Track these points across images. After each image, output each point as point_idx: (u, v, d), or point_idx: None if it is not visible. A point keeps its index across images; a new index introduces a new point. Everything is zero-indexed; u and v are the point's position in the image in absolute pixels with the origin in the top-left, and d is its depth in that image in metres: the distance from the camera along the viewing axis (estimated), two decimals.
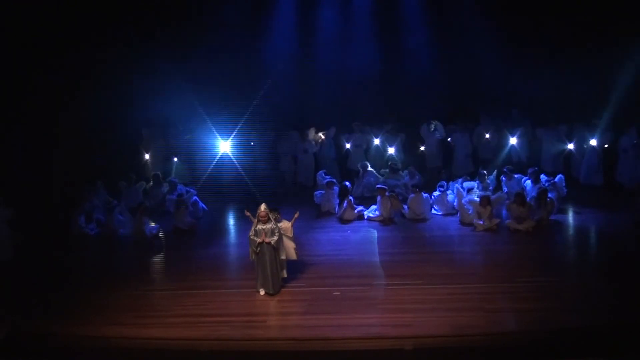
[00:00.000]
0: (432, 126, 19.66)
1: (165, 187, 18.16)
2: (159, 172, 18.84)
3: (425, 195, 16.77)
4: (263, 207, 12.05)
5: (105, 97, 19.24)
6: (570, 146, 18.84)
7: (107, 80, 19.19)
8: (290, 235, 12.68)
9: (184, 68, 19.77)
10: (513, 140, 19.36)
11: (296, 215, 12.82)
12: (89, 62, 18.95)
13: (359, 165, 19.03)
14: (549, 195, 15.84)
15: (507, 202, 16.06)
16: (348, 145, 20.09)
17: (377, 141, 19.89)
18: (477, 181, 17.29)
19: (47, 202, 17.07)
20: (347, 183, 17.39)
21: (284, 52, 20.84)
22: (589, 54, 18.57)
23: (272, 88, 20.20)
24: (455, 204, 16.53)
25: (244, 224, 13.74)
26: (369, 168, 18.81)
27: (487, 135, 19.87)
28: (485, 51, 19.79)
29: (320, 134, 20.11)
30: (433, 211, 16.88)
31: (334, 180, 17.75)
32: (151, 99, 19.53)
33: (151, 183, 18.50)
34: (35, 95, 18.42)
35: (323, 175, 18.29)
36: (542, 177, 16.97)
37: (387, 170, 18.74)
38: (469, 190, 16.71)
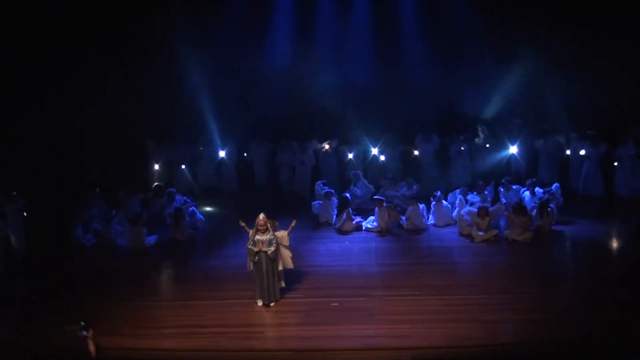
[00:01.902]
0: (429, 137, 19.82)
1: (165, 198, 18.12)
2: (160, 184, 18.85)
3: (422, 206, 16.81)
4: (262, 216, 12.05)
5: (106, 105, 19.36)
6: (567, 152, 18.87)
7: (109, 89, 19.32)
8: (287, 244, 12.64)
9: (183, 78, 19.93)
10: (513, 149, 19.37)
11: (293, 224, 12.73)
12: (91, 69, 19.12)
13: (350, 174, 19.08)
14: (550, 205, 15.90)
15: (506, 213, 16.08)
16: (351, 156, 20.08)
17: (374, 151, 19.92)
18: (474, 193, 17.28)
19: (45, 211, 17.06)
20: (347, 194, 17.39)
21: (283, 63, 20.90)
22: (586, 64, 18.65)
23: (271, 98, 20.31)
24: (454, 214, 16.52)
25: (241, 234, 13.72)
26: (361, 178, 18.84)
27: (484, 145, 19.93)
28: (483, 62, 19.90)
29: (325, 144, 20.14)
30: (429, 222, 16.91)
31: (332, 191, 17.75)
32: (153, 108, 19.68)
33: (151, 194, 18.45)
34: (35, 104, 18.56)
35: (321, 185, 18.30)
36: (537, 190, 16.95)
37: (387, 181, 18.73)
38: (472, 204, 16.67)
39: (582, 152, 18.60)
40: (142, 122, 19.89)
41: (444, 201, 16.90)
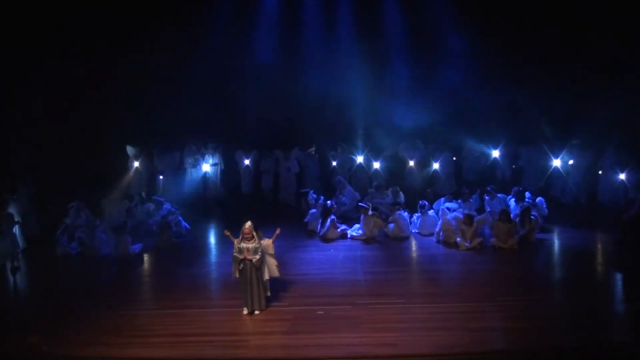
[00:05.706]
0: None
1: (150, 206, 18.04)
2: (142, 192, 18.78)
3: (407, 214, 16.84)
4: (248, 224, 11.99)
5: (90, 114, 19.33)
6: (556, 162, 19.00)
7: (91, 97, 19.28)
8: (272, 252, 12.60)
9: (168, 87, 19.92)
10: (495, 153, 19.51)
11: (277, 232, 12.70)
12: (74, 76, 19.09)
13: (335, 180, 19.09)
14: (532, 213, 15.98)
15: (491, 220, 16.12)
16: (334, 163, 20.12)
17: (359, 159, 19.97)
18: (459, 201, 17.35)
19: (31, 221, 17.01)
20: (330, 202, 17.38)
21: (268, 70, 20.90)
22: (572, 73, 18.81)
23: (256, 106, 20.31)
24: (437, 228, 16.44)
25: (226, 242, 13.74)
26: (348, 186, 18.83)
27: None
28: (470, 71, 20.02)
29: (312, 150, 20.18)
30: (414, 230, 16.96)
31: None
32: (136, 117, 19.66)
33: (135, 201, 18.35)
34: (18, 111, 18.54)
35: (313, 194, 18.25)
36: (527, 194, 17.09)
37: (374, 189, 18.76)
38: (451, 210, 16.73)
39: (571, 162, 18.81)
40: (124, 130, 19.88)
41: (429, 212, 16.94)
